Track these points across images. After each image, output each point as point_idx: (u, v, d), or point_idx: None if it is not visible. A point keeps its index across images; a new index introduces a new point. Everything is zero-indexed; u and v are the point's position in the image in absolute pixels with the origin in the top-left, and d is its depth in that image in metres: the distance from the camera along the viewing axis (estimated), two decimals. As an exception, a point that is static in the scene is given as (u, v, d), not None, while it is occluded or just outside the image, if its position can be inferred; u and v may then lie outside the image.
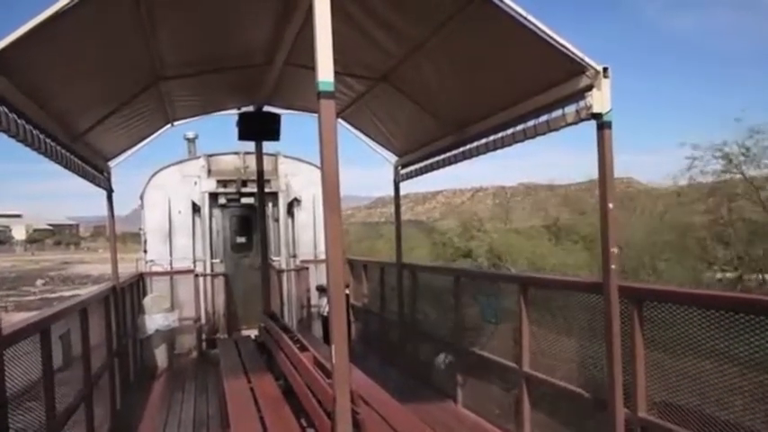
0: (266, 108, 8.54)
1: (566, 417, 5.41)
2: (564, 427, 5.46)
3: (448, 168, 7.17)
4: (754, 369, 3.58)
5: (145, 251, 11.34)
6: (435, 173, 7.57)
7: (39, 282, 43.37)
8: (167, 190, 11.38)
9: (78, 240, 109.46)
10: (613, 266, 4.44)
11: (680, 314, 4.12)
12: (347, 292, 9.24)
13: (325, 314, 9.95)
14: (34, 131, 4.48)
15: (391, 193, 9.08)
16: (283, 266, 11.64)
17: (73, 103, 5.49)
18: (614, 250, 4.46)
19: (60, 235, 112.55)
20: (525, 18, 4.27)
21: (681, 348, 4.10)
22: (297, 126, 9.93)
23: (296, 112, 8.73)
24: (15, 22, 3.66)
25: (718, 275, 21.06)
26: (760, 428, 3.53)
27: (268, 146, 9.92)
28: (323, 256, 7.19)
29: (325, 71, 3.71)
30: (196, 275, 11.08)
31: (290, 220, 11.96)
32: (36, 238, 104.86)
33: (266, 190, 10.40)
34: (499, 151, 5.85)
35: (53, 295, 33.38)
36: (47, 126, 4.82)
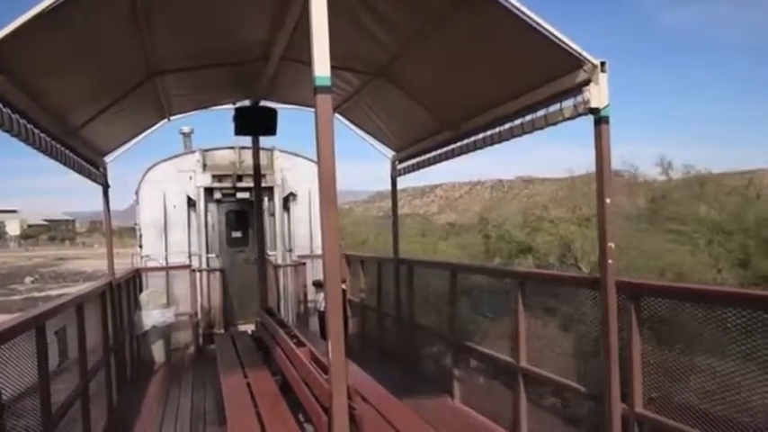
0: (263, 103, 8.52)
1: (562, 411, 5.42)
2: (561, 422, 5.46)
3: (445, 162, 7.15)
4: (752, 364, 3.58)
5: (140, 246, 11.32)
6: (433, 167, 7.56)
7: (27, 279, 41.44)
8: (162, 185, 11.35)
9: (73, 236, 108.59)
10: (610, 261, 4.43)
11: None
12: (344, 287, 9.28)
13: (322, 309, 9.94)
14: (28, 126, 4.45)
15: (389, 187, 9.06)
16: (279, 261, 11.62)
17: (68, 97, 5.45)
18: (611, 245, 4.45)
19: (56, 230, 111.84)
20: (523, 12, 4.25)
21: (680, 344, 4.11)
22: (293, 121, 9.90)
23: (292, 106, 8.70)
24: (10, 17, 3.64)
25: None
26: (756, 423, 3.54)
27: (264, 141, 9.90)
28: (319, 251, 7.18)
29: (321, 66, 3.68)
30: (192, 270, 11.06)
31: (285, 215, 11.94)
32: (30, 234, 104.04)
33: (262, 184, 10.38)
34: (496, 145, 5.84)
35: (40, 294, 31.80)
36: (41, 121, 4.79)
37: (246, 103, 8.57)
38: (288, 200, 11.92)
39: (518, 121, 5.28)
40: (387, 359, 9.30)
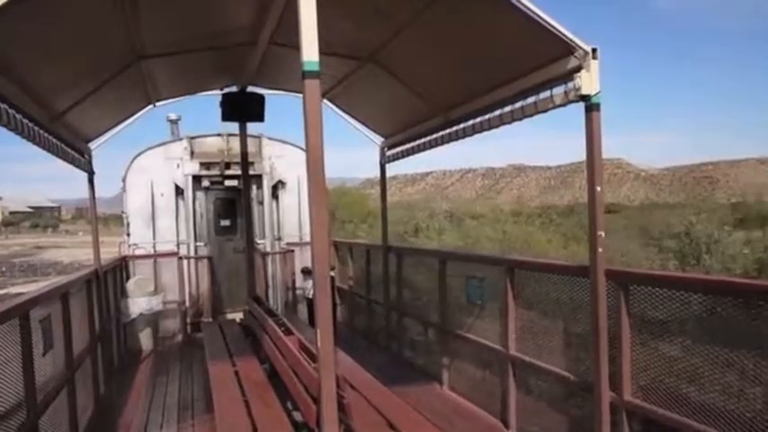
0: (250, 88, 8.42)
1: (551, 399, 5.43)
2: (550, 409, 5.48)
3: (436, 149, 7.11)
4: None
5: (128, 234, 11.21)
6: (424, 154, 7.52)
7: (-8, 272, 37.42)
8: (150, 173, 11.23)
9: (57, 223, 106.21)
10: (600, 250, 4.42)
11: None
12: (332, 274, 9.25)
13: (311, 297, 9.92)
14: (10, 111, 4.37)
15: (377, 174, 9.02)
16: (268, 249, 11.57)
17: (51, 81, 5.35)
18: (601, 234, 4.44)
19: (40, 218, 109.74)
20: None
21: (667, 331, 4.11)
22: (282, 107, 9.81)
23: (280, 92, 8.62)
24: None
25: None
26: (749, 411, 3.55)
27: (252, 128, 9.81)
28: (308, 239, 7.14)
29: (310, 51, 3.63)
30: (180, 258, 10.98)
31: (274, 203, 11.87)
32: (11, 221, 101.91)
33: (250, 172, 10.30)
34: (486, 132, 5.81)
35: (-1, 292, 27.78)
36: (23, 105, 4.70)
37: (234, 88, 8.47)
38: (276, 188, 11.84)
39: (508, 108, 5.25)
40: (375, 346, 9.30)
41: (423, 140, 7.29)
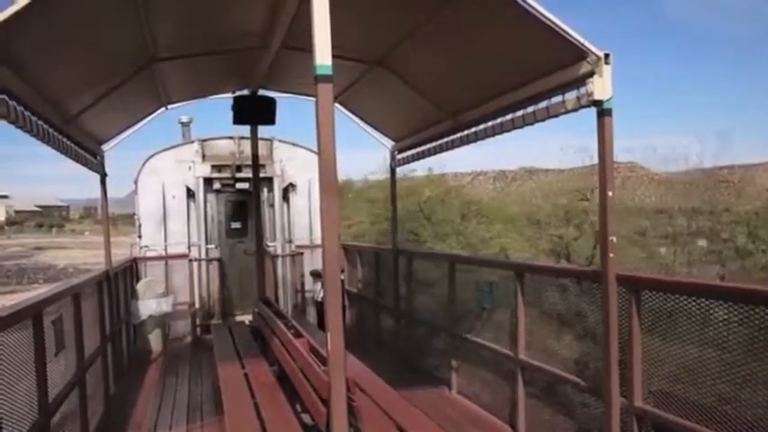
0: (262, 91, 8.45)
1: (561, 404, 5.41)
2: (559, 414, 5.45)
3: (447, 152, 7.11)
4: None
5: (139, 236, 11.27)
6: (434, 157, 7.53)
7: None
8: (161, 175, 11.29)
9: (62, 223, 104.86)
10: (611, 255, 4.41)
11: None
12: (342, 277, 9.27)
13: (320, 299, 9.92)
14: (25, 113, 4.41)
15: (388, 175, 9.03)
16: (278, 252, 11.60)
17: (65, 84, 5.40)
18: (612, 239, 4.42)
19: (47, 217, 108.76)
20: (526, 2, 4.20)
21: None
22: (292, 110, 9.83)
23: (292, 95, 8.64)
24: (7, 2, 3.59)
25: None
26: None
27: (263, 130, 9.85)
28: (318, 241, 7.14)
29: (322, 54, 3.64)
30: (190, 260, 11.02)
31: (285, 206, 11.90)
32: (16, 220, 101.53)
33: (261, 175, 10.33)
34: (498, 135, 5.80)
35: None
36: (38, 108, 4.74)
37: (245, 92, 8.51)
38: (287, 190, 11.87)
39: (520, 113, 5.23)
40: (384, 350, 9.29)
41: (433, 144, 7.29)
